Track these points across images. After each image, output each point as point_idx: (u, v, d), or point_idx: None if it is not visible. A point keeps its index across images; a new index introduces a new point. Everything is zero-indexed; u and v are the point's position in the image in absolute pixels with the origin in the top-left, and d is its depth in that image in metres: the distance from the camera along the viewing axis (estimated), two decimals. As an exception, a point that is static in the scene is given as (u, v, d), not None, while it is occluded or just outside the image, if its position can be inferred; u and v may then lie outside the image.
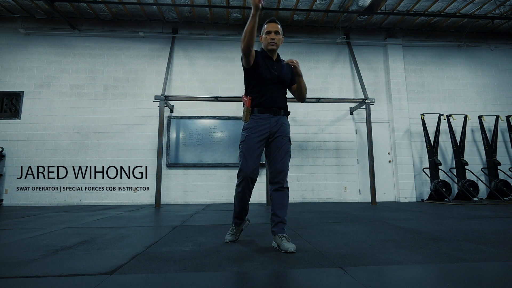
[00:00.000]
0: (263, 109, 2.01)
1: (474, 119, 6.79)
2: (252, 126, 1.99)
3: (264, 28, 2.09)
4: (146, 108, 6.28)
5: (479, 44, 7.26)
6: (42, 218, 3.58)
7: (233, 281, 1.29)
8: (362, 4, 5.90)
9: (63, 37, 6.50)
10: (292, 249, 1.77)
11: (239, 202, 2.06)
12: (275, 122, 2.00)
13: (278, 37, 2.05)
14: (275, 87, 2.04)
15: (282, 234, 1.88)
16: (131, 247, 1.97)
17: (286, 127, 2.06)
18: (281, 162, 1.97)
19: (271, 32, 2.05)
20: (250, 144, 1.97)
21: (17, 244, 2.07)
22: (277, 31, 2.05)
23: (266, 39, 2.07)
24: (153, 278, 1.32)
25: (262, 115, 2.00)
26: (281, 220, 1.91)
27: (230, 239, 2.12)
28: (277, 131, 2.00)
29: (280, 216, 1.92)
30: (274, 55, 2.09)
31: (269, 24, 2.07)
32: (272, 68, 2.04)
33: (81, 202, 5.89)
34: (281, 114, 2.05)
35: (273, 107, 2.02)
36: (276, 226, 1.91)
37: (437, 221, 3.11)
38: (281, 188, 1.96)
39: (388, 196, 6.46)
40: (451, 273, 1.38)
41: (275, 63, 2.08)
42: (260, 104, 2.01)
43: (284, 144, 2.00)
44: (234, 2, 6.02)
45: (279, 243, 1.84)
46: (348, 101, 6.12)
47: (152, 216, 3.83)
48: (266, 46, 2.08)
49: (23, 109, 6.11)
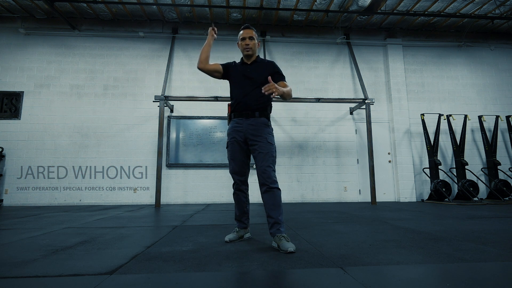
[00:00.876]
0: (238, 114, 2.10)
1: (474, 119, 6.80)
2: (230, 131, 2.12)
3: (240, 34, 2.18)
4: (146, 108, 6.28)
5: (479, 44, 7.26)
6: (42, 218, 3.58)
7: (233, 281, 1.29)
8: (362, 4, 5.90)
9: (63, 37, 6.50)
10: (291, 249, 1.77)
11: (236, 204, 2.20)
12: (247, 125, 2.05)
13: (252, 42, 2.14)
14: (248, 89, 2.09)
15: (280, 234, 1.89)
16: (131, 247, 1.97)
17: (263, 128, 2.06)
18: (261, 164, 2.00)
19: (245, 38, 2.14)
20: (232, 149, 2.10)
21: (17, 244, 2.07)
22: (251, 37, 2.15)
23: (241, 45, 2.17)
24: (153, 278, 1.32)
25: (237, 119, 2.09)
26: (276, 221, 1.93)
27: (230, 238, 2.12)
28: (252, 134, 2.04)
29: (274, 217, 1.94)
30: (250, 59, 2.18)
31: (244, 31, 2.16)
32: (245, 72, 2.13)
33: (81, 202, 5.89)
34: (255, 116, 2.06)
35: (245, 111, 2.07)
36: (272, 228, 1.94)
37: (437, 221, 3.11)
38: (269, 189, 1.98)
39: (388, 196, 6.46)
40: (451, 273, 1.38)
41: (250, 65, 2.16)
42: (235, 109, 2.12)
43: (262, 146, 2.02)
44: (234, 2, 6.02)
45: (279, 243, 1.85)
46: (348, 101, 6.12)
47: (152, 216, 3.83)
48: (242, 51, 2.18)
49: (23, 109, 6.11)
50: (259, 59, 2.20)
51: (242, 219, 2.20)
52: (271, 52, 6.82)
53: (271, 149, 2.04)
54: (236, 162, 2.10)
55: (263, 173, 1.99)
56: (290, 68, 6.77)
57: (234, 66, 2.21)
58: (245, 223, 2.22)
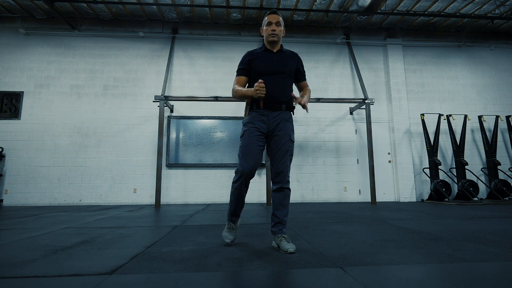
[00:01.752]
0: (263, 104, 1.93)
1: (474, 119, 6.80)
2: (250, 121, 1.94)
3: (265, 20, 2.02)
4: (146, 108, 6.28)
5: (479, 44, 7.26)
6: (42, 218, 3.58)
7: (233, 281, 1.29)
8: (362, 4, 5.90)
9: (63, 37, 6.50)
10: (292, 250, 1.76)
11: (236, 198, 1.97)
12: (273, 118, 1.92)
13: (279, 29, 1.99)
14: (276, 79, 1.94)
15: (281, 234, 1.88)
16: (131, 247, 1.97)
17: (287, 123, 1.95)
18: (280, 162, 1.91)
19: (272, 23, 1.99)
20: (248, 140, 1.90)
21: (17, 244, 2.07)
22: (278, 22, 1.99)
23: (267, 30, 2.00)
24: (153, 278, 1.32)
25: (261, 110, 1.93)
26: (280, 221, 1.90)
27: (231, 238, 2.01)
28: (276, 128, 1.92)
29: (279, 216, 1.90)
30: (275, 47, 2.02)
31: (270, 16, 2.00)
32: (271, 60, 1.97)
33: (81, 202, 5.89)
34: (282, 109, 1.94)
35: (272, 102, 1.92)
36: (275, 226, 1.91)
37: (437, 221, 3.11)
38: (281, 189, 1.91)
39: (388, 196, 6.46)
40: (451, 273, 1.38)
41: (276, 54, 2.01)
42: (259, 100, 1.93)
43: (284, 142, 1.91)
44: (234, 2, 6.02)
45: (279, 244, 1.84)
46: (348, 101, 6.12)
47: (152, 216, 3.83)
48: (267, 38, 2.00)
49: (23, 109, 6.11)
50: (284, 48, 2.06)
51: (238, 212, 2.04)
52: (271, 52, 6.81)
53: (292, 147, 1.95)
54: (251, 155, 1.88)
55: (279, 172, 1.90)
56: (290, 68, 6.75)
57: (256, 56, 1.99)
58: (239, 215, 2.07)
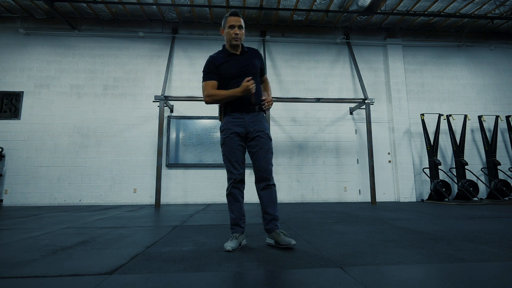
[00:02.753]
0: (235, 108, 1.94)
1: (474, 119, 6.80)
2: (226, 127, 1.95)
3: (226, 21, 1.96)
4: (146, 108, 6.28)
5: (479, 44, 7.26)
6: (42, 218, 3.58)
7: (233, 281, 1.29)
8: (362, 4, 5.90)
9: (63, 37, 6.49)
10: (294, 242, 1.81)
11: (233, 205, 1.95)
12: (249, 120, 1.94)
13: (241, 32, 1.96)
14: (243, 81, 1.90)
15: (278, 230, 1.92)
16: (131, 247, 1.97)
17: (263, 124, 1.98)
18: (264, 160, 1.94)
19: (234, 26, 1.94)
20: (231, 147, 1.92)
21: (17, 244, 2.07)
22: (241, 26, 1.96)
23: (229, 33, 1.95)
24: (153, 278, 1.32)
25: (235, 114, 1.94)
26: (274, 217, 1.94)
27: (232, 246, 1.83)
28: (254, 129, 1.94)
29: (271, 213, 1.93)
30: (238, 49, 2.00)
31: (232, 18, 1.95)
32: (237, 63, 1.96)
33: (81, 202, 5.89)
34: (255, 110, 1.96)
35: (246, 105, 1.93)
36: (269, 224, 1.94)
37: (437, 221, 3.11)
38: (267, 186, 1.95)
39: (388, 196, 6.46)
40: (451, 273, 1.38)
41: (241, 56, 2.00)
42: (232, 103, 1.93)
43: (265, 142, 1.95)
44: (234, 2, 6.02)
45: (277, 239, 1.87)
46: (348, 101, 6.12)
47: (152, 216, 3.83)
48: (230, 41, 1.96)
49: (23, 109, 6.11)
50: (245, 47, 2.04)
51: (240, 223, 1.95)
52: (271, 52, 6.82)
53: (271, 145, 1.99)
54: (236, 157, 1.92)
55: (265, 170, 1.94)
56: (290, 68, 6.77)
57: (222, 60, 1.97)
58: (243, 227, 1.97)
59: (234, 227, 1.96)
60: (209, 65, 1.96)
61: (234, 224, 1.96)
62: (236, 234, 1.93)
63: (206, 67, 1.97)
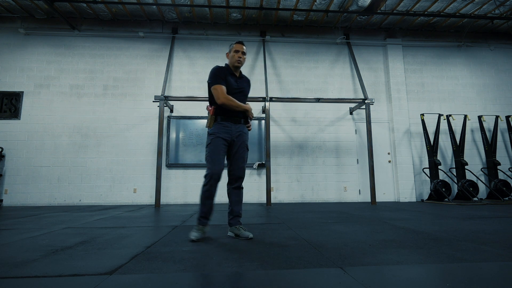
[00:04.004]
0: (226, 118, 2.29)
1: (473, 119, 6.81)
2: (216, 131, 2.27)
3: (233, 47, 2.38)
4: (146, 108, 6.28)
5: (479, 44, 7.26)
6: (42, 218, 3.58)
7: (233, 281, 1.29)
8: (362, 4, 5.91)
9: (63, 37, 6.49)
10: (251, 236, 2.21)
11: (207, 199, 2.22)
12: (235, 130, 2.31)
13: (244, 57, 2.38)
14: (240, 100, 2.33)
15: (239, 225, 2.29)
16: (131, 247, 1.97)
17: (245, 135, 2.38)
18: (241, 168, 2.33)
19: (239, 51, 2.35)
20: (216, 147, 2.23)
21: (17, 244, 2.07)
22: (244, 52, 2.37)
23: (234, 56, 2.35)
24: (153, 278, 1.32)
25: (225, 122, 2.29)
26: (237, 214, 2.32)
27: (197, 236, 2.17)
28: (237, 138, 2.31)
29: (237, 211, 2.32)
30: (237, 72, 2.40)
31: (238, 45, 2.36)
32: (238, 85, 2.37)
33: (81, 202, 5.89)
34: (241, 123, 2.35)
35: (235, 117, 2.31)
36: (233, 219, 2.31)
37: (437, 221, 3.11)
38: (239, 187, 2.35)
39: (388, 196, 6.46)
40: (451, 273, 1.38)
41: (238, 79, 2.40)
42: (224, 113, 2.29)
43: (243, 151, 2.35)
44: (234, 2, 6.02)
45: (237, 232, 2.25)
46: (348, 101, 6.12)
47: (152, 216, 3.83)
48: (233, 63, 2.36)
49: (23, 109, 6.11)
50: (242, 74, 2.47)
51: (208, 216, 2.26)
52: (271, 52, 6.82)
53: (247, 154, 2.41)
54: (219, 157, 2.23)
55: (239, 174, 2.33)
56: (290, 68, 6.77)
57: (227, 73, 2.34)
58: (209, 219, 2.28)
59: (202, 219, 2.24)
60: (219, 72, 2.29)
61: (203, 216, 2.24)
62: (201, 226, 2.24)
63: (217, 72, 2.29)
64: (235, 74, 2.38)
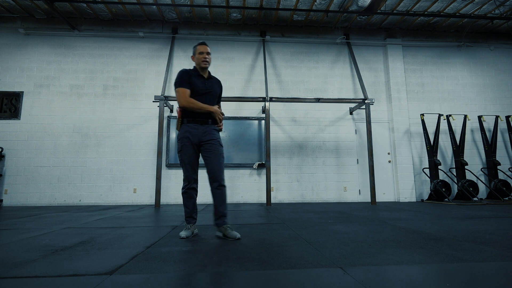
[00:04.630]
0: (192, 120, 2.29)
1: (473, 119, 6.81)
2: (183, 136, 2.29)
3: (196, 49, 2.37)
4: (146, 108, 6.28)
5: (479, 44, 7.26)
6: (42, 218, 3.58)
7: (233, 281, 1.29)
8: (362, 4, 5.90)
9: (63, 37, 6.49)
10: (239, 236, 2.20)
11: (188, 202, 2.34)
12: (202, 131, 2.30)
13: (209, 57, 2.38)
14: (206, 99, 2.32)
15: (226, 225, 2.27)
16: (131, 247, 1.97)
17: (214, 134, 2.35)
18: (216, 163, 2.29)
19: (203, 52, 2.35)
20: (186, 152, 2.29)
21: (17, 244, 2.07)
22: (209, 52, 2.38)
23: (199, 58, 2.35)
24: (153, 278, 1.32)
25: (191, 124, 2.29)
26: (223, 214, 2.28)
27: (187, 234, 2.26)
28: (206, 137, 2.30)
29: (222, 211, 2.28)
30: (205, 73, 2.39)
31: (201, 46, 2.36)
32: (206, 86, 2.35)
33: (81, 202, 5.89)
34: (209, 123, 2.33)
35: (201, 119, 2.30)
36: (219, 219, 2.28)
37: (437, 221, 3.11)
38: (220, 186, 2.29)
39: (388, 196, 6.46)
40: (451, 273, 1.38)
41: (206, 80, 2.39)
42: (189, 115, 2.30)
43: (216, 148, 2.31)
44: (234, 2, 6.02)
45: (225, 232, 2.24)
46: (348, 101, 6.12)
47: (152, 216, 3.83)
48: (199, 64, 2.36)
49: (23, 109, 6.11)
50: (211, 75, 2.46)
51: (193, 215, 2.36)
52: (271, 52, 6.82)
53: (222, 150, 2.36)
54: (192, 162, 2.30)
55: (217, 171, 2.29)
56: (290, 68, 6.77)
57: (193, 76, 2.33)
58: (195, 218, 2.38)
59: (188, 219, 2.36)
60: (184, 76, 2.30)
61: (188, 216, 2.36)
62: (189, 225, 2.35)
63: (181, 76, 2.30)
64: (202, 76, 2.38)
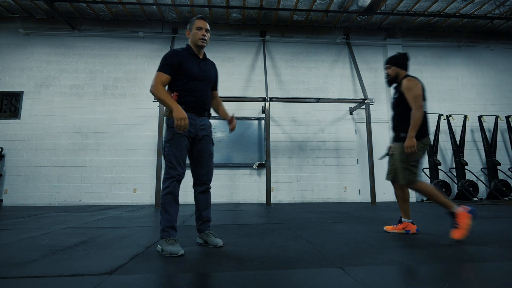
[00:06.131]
0: (190, 109, 1.90)
1: (473, 119, 6.80)
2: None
3: (194, 23, 1.97)
4: (146, 108, 6.28)
5: (479, 44, 7.26)
6: (42, 218, 3.58)
7: (233, 281, 1.29)
8: (362, 4, 5.90)
9: (63, 37, 6.49)
10: (221, 243, 1.95)
11: (172, 207, 1.82)
12: (199, 123, 1.94)
13: (208, 35, 2.00)
14: (204, 86, 1.97)
15: (208, 231, 2.02)
16: (131, 247, 1.97)
17: (210, 128, 2.04)
18: (207, 165, 2.00)
19: (202, 28, 1.96)
20: (179, 144, 1.85)
21: (17, 244, 2.07)
22: (208, 29, 1.99)
23: (196, 34, 1.95)
24: (153, 278, 1.32)
25: (189, 114, 1.88)
26: (207, 219, 2.04)
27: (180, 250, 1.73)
28: (201, 133, 1.95)
29: (206, 215, 2.03)
30: (201, 53, 2.02)
31: (200, 21, 1.97)
32: (200, 68, 1.98)
33: (80, 202, 5.89)
34: (205, 115, 2.00)
35: (200, 108, 1.95)
36: (202, 225, 2.03)
37: (437, 221, 3.11)
38: (207, 190, 2.04)
39: (388, 196, 6.46)
40: (451, 273, 1.38)
41: (202, 61, 2.02)
42: (188, 103, 1.89)
43: (210, 147, 2.01)
44: (234, 2, 6.02)
45: (207, 239, 1.98)
46: (348, 101, 6.12)
47: (152, 216, 3.83)
48: (196, 41, 1.96)
49: (23, 109, 6.11)
50: (206, 56, 2.08)
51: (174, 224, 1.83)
52: (271, 52, 6.82)
53: (213, 150, 2.08)
54: (182, 156, 1.86)
55: (207, 173, 2.01)
56: (290, 68, 6.77)
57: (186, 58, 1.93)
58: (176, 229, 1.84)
59: (169, 230, 1.79)
60: (171, 58, 1.88)
61: (169, 226, 1.80)
62: (174, 237, 1.79)
63: (167, 59, 1.88)
64: (198, 56, 1.99)
